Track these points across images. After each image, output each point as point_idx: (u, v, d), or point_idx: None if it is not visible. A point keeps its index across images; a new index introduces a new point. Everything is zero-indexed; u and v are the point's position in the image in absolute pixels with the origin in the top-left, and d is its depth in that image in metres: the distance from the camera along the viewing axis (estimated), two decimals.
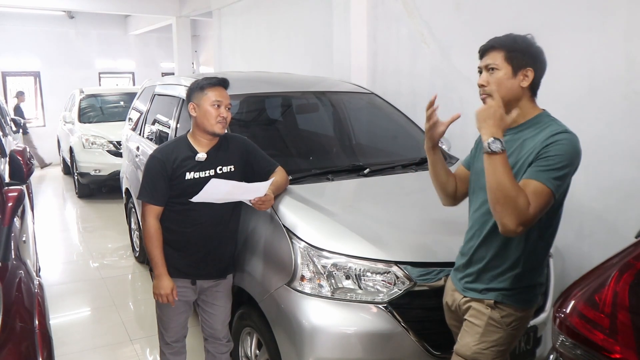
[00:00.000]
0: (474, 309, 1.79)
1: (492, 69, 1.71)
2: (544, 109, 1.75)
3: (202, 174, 2.27)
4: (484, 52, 1.77)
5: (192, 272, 2.34)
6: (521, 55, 1.68)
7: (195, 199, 2.15)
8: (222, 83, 2.31)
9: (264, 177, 2.39)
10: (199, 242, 2.31)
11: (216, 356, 2.49)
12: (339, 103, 3.66)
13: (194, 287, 2.38)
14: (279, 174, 2.44)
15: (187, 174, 2.25)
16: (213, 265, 2.36)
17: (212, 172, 2.29)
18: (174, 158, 2.26)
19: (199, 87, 2.30)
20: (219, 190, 2.15)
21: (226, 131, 2.36)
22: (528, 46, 1.70)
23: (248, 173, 2.42)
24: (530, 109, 1.73)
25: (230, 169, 2.34)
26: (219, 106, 2.25)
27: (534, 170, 1.59)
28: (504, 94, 1.69)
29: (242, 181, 2.32)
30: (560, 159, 1.57)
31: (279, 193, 2.42)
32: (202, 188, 2.21)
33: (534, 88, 1.73)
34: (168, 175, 2.24)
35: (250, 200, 2.22)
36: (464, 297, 1.83)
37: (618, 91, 2.94)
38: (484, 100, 1.72)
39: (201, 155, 2.28)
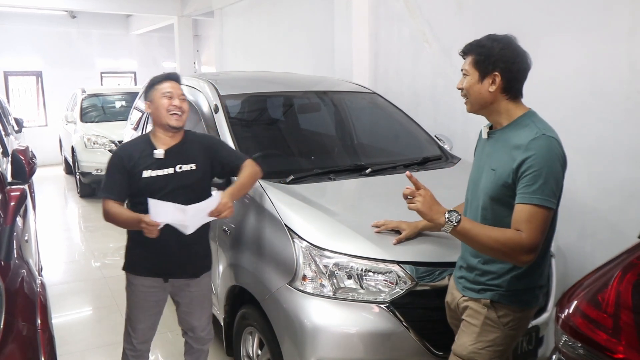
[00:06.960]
0: (471, 309, 1.79)
1: (465, 74, 1.74)
2: (529, 108, 1.73)
3: (160, 172, 2.21)
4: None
5: (163, 271, 2.29)
6: (487, 60, 1.67)
7: (154, 219, 2.03)
8: (170, 77, 2.30)
9: (233, 172, 2.36)
10: (167, 241, 2.18)
11: (194, 347, 2.48)
12: (340, 103, 3.66)
13: (166, 284, 2.32)
14: (247, 169, 2.33)
15: (144, 171, 2.19)
16: (184, 263, 2.30)
17: (171, 170, 2.22)
18: (132, 154, 2.22)
19: (149, 85, 2.30)
20: (165, 211, 2.05)
21: (187, 128, 2.33)
22: (499, 49, 1.66)
23: (216, 170, 2.37)
24: (513, 109, 1.71)
25: (191, 167, 2.27)
26: (170, 97, 2.23)
27: (522, 193, 1.59)
28: (474, 99, 1.73)
29: (211, 179, 2.33)
30: (541, 172, 1.56)
31: (247, 191, 2.37)
32: (159, 186, 2.18)
33: (510, 90, 1.69)
34: (127, 170, 2.19)
35: (210, 215, 2.13)
36: (463, 296, 1.84)
37: (620, 91, 2.93)
38: (465, 103, 1.78)
39: (158, 152, 2.22)
